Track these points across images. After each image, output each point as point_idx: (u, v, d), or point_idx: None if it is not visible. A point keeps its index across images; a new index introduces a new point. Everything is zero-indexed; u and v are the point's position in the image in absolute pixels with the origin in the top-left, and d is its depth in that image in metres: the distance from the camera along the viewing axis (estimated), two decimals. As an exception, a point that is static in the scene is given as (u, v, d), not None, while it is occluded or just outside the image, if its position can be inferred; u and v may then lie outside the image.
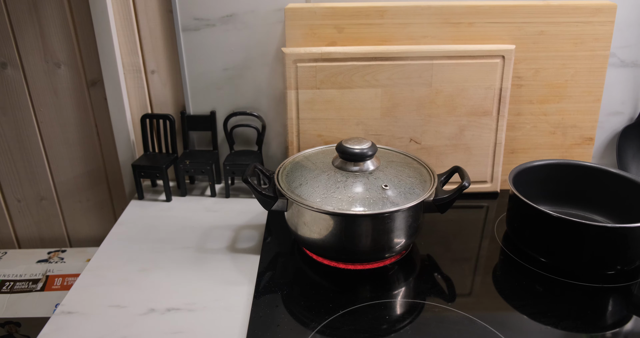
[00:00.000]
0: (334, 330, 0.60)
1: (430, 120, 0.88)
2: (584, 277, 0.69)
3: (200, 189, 0.99)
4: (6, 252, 1.03)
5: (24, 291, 0.91)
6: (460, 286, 0.69)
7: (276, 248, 0.78)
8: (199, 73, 0.93)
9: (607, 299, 0.66)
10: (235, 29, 0.89)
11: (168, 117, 0.95)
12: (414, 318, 0.62)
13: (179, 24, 0.89)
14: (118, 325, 0.63)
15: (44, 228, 1.09)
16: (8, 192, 1.05)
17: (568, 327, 0.61)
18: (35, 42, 0.92)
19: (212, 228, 0.85)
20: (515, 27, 0.86)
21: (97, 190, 1.06)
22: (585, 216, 0.82)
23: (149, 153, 0.97)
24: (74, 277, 0.94)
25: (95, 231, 1.10)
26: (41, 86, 0.95)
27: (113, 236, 0.83)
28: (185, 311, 0.65)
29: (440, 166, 0.91)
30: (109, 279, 0.72)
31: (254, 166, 0.76)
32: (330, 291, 0.67)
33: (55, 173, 1.04)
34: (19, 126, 0.99)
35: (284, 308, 0.64)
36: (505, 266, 0.73)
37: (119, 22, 0.90)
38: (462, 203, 0.90)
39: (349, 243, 0.69)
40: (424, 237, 0.79)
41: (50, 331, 0.62)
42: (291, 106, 0.87)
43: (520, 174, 0.79)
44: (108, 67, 0.91)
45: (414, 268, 0.73)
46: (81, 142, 1.01)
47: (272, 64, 0.92)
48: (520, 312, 0.63)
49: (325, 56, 0.84)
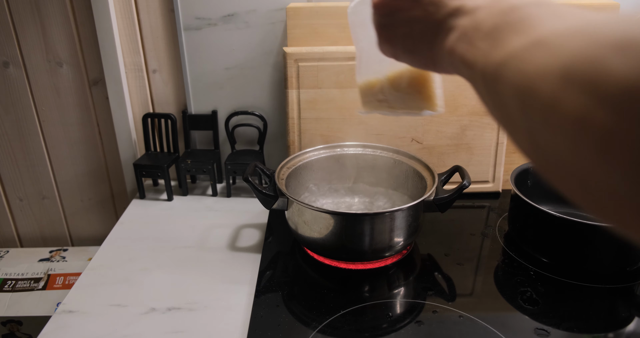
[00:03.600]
0: (334, 329, 0.60)
1: (432, 120, 0.88)
2: (586, 278, 0.69)
3: (202, 188, 0.99)
4: (8, 251, 1.03)
5: (25, 290, 0.91)
6: (461, 286, 0.69)
7: (277, 247, 0.78)
8: (200, 72, 0.93)
9: (610, 300, 0.66)
10: (237, 29, 0.89)
11: (170, 116, 0.95)
12: (415, 318, 0.62)
13: (180, 23, 0.89)
14: (119, 324, 0.63)
15: (45, 227, 1.09)
16: (10, 191, 1.05)
17: (570, 328, 0.61)
18: (37, 42, 0.92)
19: (213, 227, 0.85)
20: (517, 26, 0.85)
21: (98, 189, 1.06)
22: (587, 217, 0.82)
23: (150, 152, 0.97)
24: (75, 276, 0.94)
25: (97, 230, 1.10)
26: (43, 85, 0.96)
27: (114, 236, 0.83)
28: (186, 310, 0.65)
29: (442, 165, 0.90)
30: (110, 278, 0.72)
31: (254, 165, 0.76)
32: (331, 291, 0.67)
33: (57, 172, 1.04)
34: (21, 125, 0.99)
35: (285, 307, 0.64)
36: (506, 267, 0.73)
37: (120, 22, 0.90)
38: (463, 203, 0.89)
39: (350, 242, 0.68)
40: (425, 237, 0.79)
41: (51, 330, 0.63)
42: (292, 105, 0.87)
43: (522, 174, 0.79)
44: (110, 66, 0.91)
45: (415, 268, 0.73)
46: (83, 141, 1.01)
47: (274, 63, 0.92)
48: (521, 313, 0.63)
49: (327, 56, 0.84)
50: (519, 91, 0.24)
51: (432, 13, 0.36)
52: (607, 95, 0.19)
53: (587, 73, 0.20)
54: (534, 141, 0.24)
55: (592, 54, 0.20)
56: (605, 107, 0.19)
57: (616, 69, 0.18)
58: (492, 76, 0.27)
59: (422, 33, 0.37)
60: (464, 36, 0.32)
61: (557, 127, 0.21)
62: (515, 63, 0.25)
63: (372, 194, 0.84)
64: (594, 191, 0.21)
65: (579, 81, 0.20)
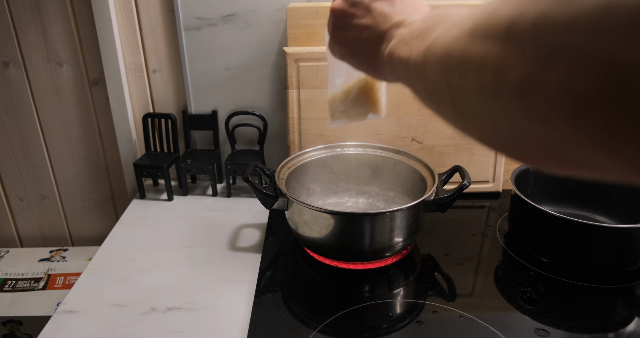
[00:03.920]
0: (335, 329, 0.60)
1: (432, 120, 0.88)
2: (586, 278, 0.69)
3: (202, 188, 0.99)
4: (8, 251, 1.03)
5: (25, 290, 0.91)
6: (462, 286, 0.69)
7: (277, 247, 0.78)
8: (200, 72, 0.93)
9: (610, 300, 0.66)
10: (237, 29, 0.89)
11: (170, 116, 0.95)
12: (415, 318, 0.62)
13: (180, 23, 0.89)
14: (119, 324, 0.63)
15: (45, 227, 1.09)
16: (10, 191, 1.05)
17: (570, 328, 0.61)
18: (37, 41, 0.92)
19: (214, 227, 0.85)
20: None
21: (98, 189, 1.06)
22: (587, 217, 0.82)
23: (150, 152, 0.97)
24: (75, 276, 0.94)
25: (97, 230, 1.10)
26: (43, 85, 0.96)
27: (114, 235, 0.83)
28: (186, 310, 0.65)
29: (442, 165, 0.90)
30: (110, 278, 0.72)
31: (254, 164, 0.76)
32: (331, 291, 0.67)
33: (57, 172, 1.04)
34: (21, 125, 0.99)
35: (285, 307, 0.64)
36: (506, 267, 0.73)
37: (121, 22, 0.90)
38: (464, 203, 0.89)
39: (350, 242, 0.68)
40: (425, 237, 0.79)
41: (51, 330, 0.63)
42: (292, 105, 0.87)
43: (522, 174, 0.79)
44: (110, 66, 0.91)
45: (415, 268, 0.73)
46: (83, 141, 1.01)
47: (274, 63, 0.92)
48: (522, 313, 0.63)
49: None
50: (441, 64, 0.29)
51: (379, 23, 0.42)
52: (498, 33, 0.23)
53: (485, 25, 0.24)
54: (458, 107, 0.28)
55: (488, 11, 0.24)
56: (499, 45, 0.23)
57: (503, 13, 0.23)
58: (421, 62, 0.32)
59: (368, 39, 0.43)
60: (401, 40, 0.38)
61: (472, 83, 0.25)
62: (437, 43, 0.30)
63: (372, 194, 0.84)
64: (506, 136, 0.25)
65: (481, 33, 0.24)
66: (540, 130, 0.22)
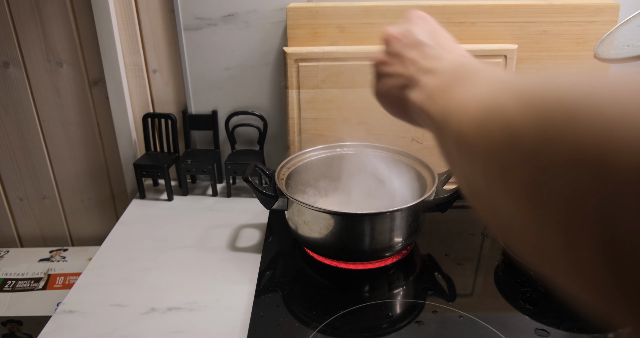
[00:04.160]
0: (335, 329, 0.60)
1: (432, 120, 0.88)
2: (585, 277, 0.69)
3: (202, 188, 0.99)
4: (8, 251, 1.03)
5: (25, 290, 0.91)
6: (461, 286, 0.69)
7: (277, 247, 0.78)
8: (200, 72, 0.93)
9: (609, 299, 0.66)
10: (237, 29, 0.89)
11: (170, 116, 0.95)
12: (415, 318, 0.62)
13: (180, 23, 0.89)
14: (119, 324, 0.63)
15: (45, 227, 1.09)
16: (10, 191, 1.05)
17: (570, 328, 0.61)
18: (37, 41, 0.92)
19: (213, 227, 0.85)
20: (517, 26, 0.86)
21: (98, 189, 1.06)
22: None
23: (150, 152, 0.97)
24: (75, 276, 0.94)
25: (97, 230, 1.10)
26: (43, 85, 0.96)
27: (114, 235, 0.83)
28: (186, 310, 0.65)
29: (442, 165, 0.90)
30: (110, 278, 0.72)
31: (254, 165, 0.76)
32: (331, 291, 0.67)
33: (57, 172, 1.04)
34: (21, 124, 0.99)
35: (285, 307, 0.64)
36: (506, 267, 0.73)
37: (121, 22, 0.90)
38: (464, 203, 0.89)
39: (350, 242, 0.68)
40: (425, 237, 0.79)
41: (51, 330, 0.63)
42: (293, 105, 0.87)
43: (522, 174, 0.79)
44: (110, 66, 0.91)
45: (415, 268, 0.73)
46: (83, 141, 1.01)
47: (274, 63, 0.92)
48: (522, 313, 0.63)
49: (327, 56, 0.84)
50: (455, 135, 0.30)
51: (409, 70, 0.42)
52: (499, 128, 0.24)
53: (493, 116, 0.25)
54: (465, 180, 0.30)
55: (497, 101, 0.26)
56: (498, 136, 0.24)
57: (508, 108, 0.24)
58: (441, 124, 0.33)
59: (400, 87, 0.43)
60: (430, 94, 0.38)
61: (475, 158, 0.26)
62: (454, 112, 0.31)
63: (372, 194, 0.84)
64: (502, 220, 0.26)
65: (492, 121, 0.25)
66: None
